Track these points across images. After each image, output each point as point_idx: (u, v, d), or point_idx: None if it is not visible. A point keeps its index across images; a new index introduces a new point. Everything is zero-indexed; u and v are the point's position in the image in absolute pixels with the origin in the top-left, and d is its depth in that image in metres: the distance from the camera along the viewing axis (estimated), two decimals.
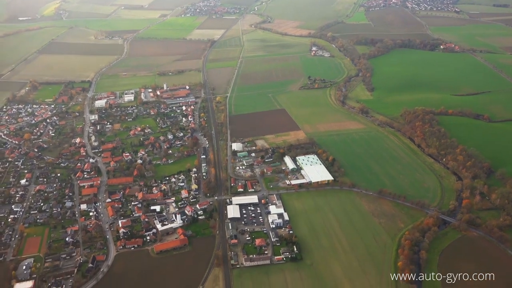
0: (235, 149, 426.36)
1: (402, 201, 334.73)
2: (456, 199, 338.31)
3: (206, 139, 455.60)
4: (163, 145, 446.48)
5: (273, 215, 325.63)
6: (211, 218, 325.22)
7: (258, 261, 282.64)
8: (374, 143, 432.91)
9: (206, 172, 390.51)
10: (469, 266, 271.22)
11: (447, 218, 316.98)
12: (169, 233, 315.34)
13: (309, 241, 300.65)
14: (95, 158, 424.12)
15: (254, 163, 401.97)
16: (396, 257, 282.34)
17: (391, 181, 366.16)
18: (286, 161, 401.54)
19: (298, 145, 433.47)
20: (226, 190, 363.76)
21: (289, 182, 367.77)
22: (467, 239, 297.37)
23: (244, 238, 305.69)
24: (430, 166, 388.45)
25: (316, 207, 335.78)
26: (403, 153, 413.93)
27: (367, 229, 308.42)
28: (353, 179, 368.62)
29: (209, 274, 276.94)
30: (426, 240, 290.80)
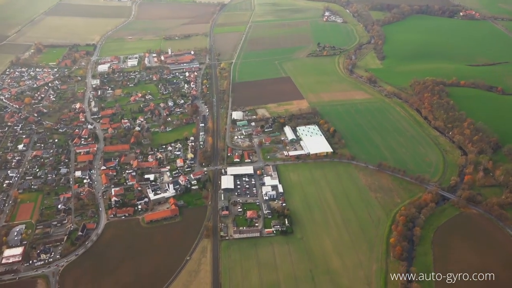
0: (235, 118, 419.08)
1: (401, 175, 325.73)
2: (458, 175, 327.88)
3: (207, 107, 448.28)
4: (163, 112, 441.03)
5: (267, 186, 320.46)
6: (204, 189, 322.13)
7: (247, 234, 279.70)
8: (378, 114, 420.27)
9: (203, 141, 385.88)
10: (463, 244, 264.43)
11: (447, 194, 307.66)
12: (161, 202, 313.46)
13: (302, 214, 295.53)
14: (94, 124, 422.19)
15: (253, 132, 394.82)
16: (389, 233, 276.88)
17: (392, 154, 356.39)
18: (286, 131, 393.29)
19: (299, 115, 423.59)
20: (222, 160, 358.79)
21: (287, 153, 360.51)
22: (465, 216, 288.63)
23: (236, 210, 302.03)
24: (435, 140, 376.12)
25: (312, 180, 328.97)
26: (408, 125, 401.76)
27: (362, 203, 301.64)
28: (353, 151, 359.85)
29: (198, 245, 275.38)
30: (422, 217, 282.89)
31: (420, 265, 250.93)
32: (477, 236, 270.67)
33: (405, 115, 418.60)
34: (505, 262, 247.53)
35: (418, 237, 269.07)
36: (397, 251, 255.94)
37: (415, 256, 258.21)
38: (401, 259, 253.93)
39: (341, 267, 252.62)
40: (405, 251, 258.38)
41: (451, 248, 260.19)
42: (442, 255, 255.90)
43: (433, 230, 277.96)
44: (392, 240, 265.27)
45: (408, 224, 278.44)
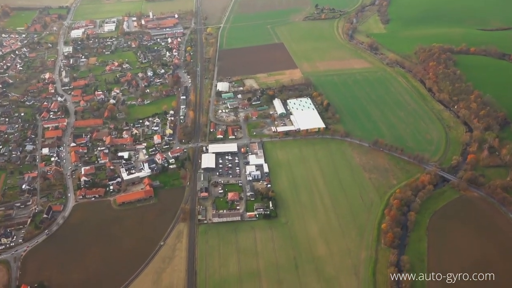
0: (220, 90, 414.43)
1: (399, 154, 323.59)
2: (461, 154, 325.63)
3: (190, 77, 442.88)
4: (141, 83, 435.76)
5: (251, 166, 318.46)
6: (182, 168, 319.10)
7: (227, 217, 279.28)
8: (378, 86, 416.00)
9: (184, 115, 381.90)
10: (461, 231, 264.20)
11: (447, 175, 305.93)
12: (135, 183, 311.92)
13: (288, 196, 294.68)
14: (64, 97, 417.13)
15: (239, 106, 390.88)
16: (381, 218, 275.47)
17: (391, 130, 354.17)
18: (275, 104, 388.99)
19: (291, 86, 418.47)
20: (204, 137, 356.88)
21: (275, 129, 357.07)
22: (465, 200, 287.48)
23: (217, 191, 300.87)
24: (438, 114, 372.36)
25: (301, 158, 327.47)
26: (409, 98, 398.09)
27: (355, 185, 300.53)
28: (348, 127, 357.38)
29: (173, 230, 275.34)
30: (418, 200, 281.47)
31: (412, 253, 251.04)
32: (476, 221, 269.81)
33: (407, 86, 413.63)
34: (505, 251, 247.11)
35: (413, 223, 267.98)
36: (389, 237, 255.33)
37: (408, 243, 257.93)
38: (392, 246, 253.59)
39: (327, 255, 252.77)
40: (397, 237, 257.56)
41: (447, 235, 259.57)
42: (437, 242, 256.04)
43: (430, 215, 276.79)
44: (384, 226, 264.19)
45: (402, 208, 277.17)
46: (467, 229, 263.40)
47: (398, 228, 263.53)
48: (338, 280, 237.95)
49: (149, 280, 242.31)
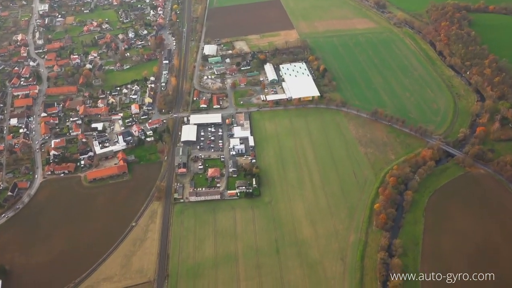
0: (206, 53, 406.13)
1: (399, 126, 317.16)
2: (469, 126, 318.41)
3: (175, 39, 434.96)
4: (121, 45, 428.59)
5: (236, 139, 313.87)
6: (160, 141, 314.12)
7: (206, 196, 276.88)
8: (383, 48, 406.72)
9: (165, 82, 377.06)
10: (462, 212, 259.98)
11: (452, 149, 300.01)
12: (108, 157, 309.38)
13: (274, 173, 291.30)
14: (37, 61, 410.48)
15: (226, 71, 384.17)
16: (375, 197, 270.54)
17: (393, 99, 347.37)
18: (267, 70, 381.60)
19: (286, 49, 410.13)
20: (186, 106, 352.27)
21: (264, 97, 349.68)
22: (470, 177, 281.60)
23: (196, 167, 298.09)
24: (448, 81, 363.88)
25: (291, 131, 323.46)
26: (417, 62, 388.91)
27: (348, 160, 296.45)
28: (345, 95, 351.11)
29: (146, 209, 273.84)
30: (417, 178, 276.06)
31: (406, 236, 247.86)
32: (480, 202, 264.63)
33: (415, 49, 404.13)
34: (510, 235, 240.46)
35: (409, 203, 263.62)
36: (381, 219, 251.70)
37: (402, 226, 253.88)
38: (384, 229, 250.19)
39: (313, 238, 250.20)
40: (391, 219, 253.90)
41: (447, 216, 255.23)
42: (435, 225, 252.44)
43: (429, 194, 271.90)
44: (377, 206, 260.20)
45: (399, 186, 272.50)
46: (470, 210, 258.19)
47: (393, 209, 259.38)
48: (322, 265, 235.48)
49: (118, 264, 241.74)
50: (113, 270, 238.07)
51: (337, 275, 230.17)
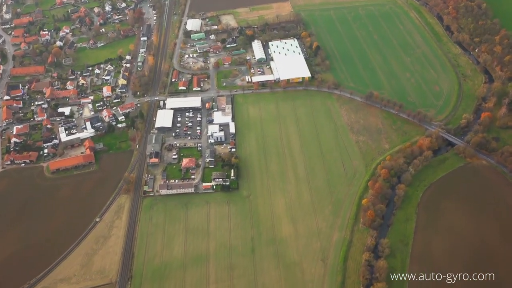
0: (189, 29, 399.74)
1: (396, 110, 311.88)
2: (474, 111, 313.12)
3: (155, 13, 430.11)
4: (96, 20, 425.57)
5: (215, 125, 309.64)
6: (132, 127, 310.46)
7: (178, 189, 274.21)
8: (384, 23, 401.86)
9: (142, 61, 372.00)
10: (459, 208, 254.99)
11: (453, 138, 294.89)
12: (75, 145, 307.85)
13: (254, 163, 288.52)
14: (2, 37, 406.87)
15: (210, 49, 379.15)
16: (363, 192, 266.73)
17: (392, 80, 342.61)
18: (254, 47, 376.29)
19: (277, 24, 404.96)
20: (164, 88, 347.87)
21: (249, 78, 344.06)
22: (470, 169, 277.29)
23: (170, 157, 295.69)
24: (454, 60, 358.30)
25: (276, 116, 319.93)
26: (420, 38, 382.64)
27: (337, 150, 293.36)
28: (339, 76, 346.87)
29: (113, 203, 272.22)
30: (411, 170, 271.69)
31: (395, 235, 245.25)
32: (479, 197, 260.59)
33: (420, 24, 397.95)
34: (510, 236, 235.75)
35: (401, 198, 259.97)
36: (368, 216, 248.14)
37: (392, 223, 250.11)
38: (372, 227, 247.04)
39: (292, 236, 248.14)
40: (380, 216, 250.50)
41: (442, 213, 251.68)
42: (428, 223, 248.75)
43: (424, 188, 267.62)
44: (365, 202, 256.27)
45: (391, 179, 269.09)
46: (467, 207, 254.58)
47: (382, 205, 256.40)
48: (301, 266, 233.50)
49: (77, 264, 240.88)
50: (72, 270, 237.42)
51: (316, 277, 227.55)
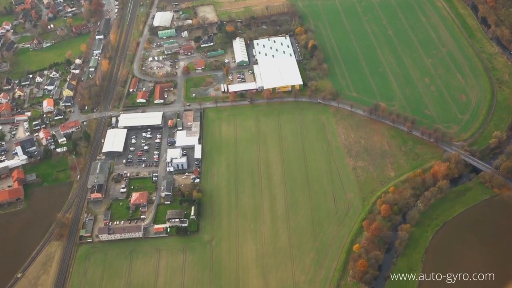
0: (156, 24, 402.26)
1: (408, 127, 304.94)
2: (509, 128, 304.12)
3: (118, 4, 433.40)
4: (45, 13, 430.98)
5: (176, 149, 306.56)
6: (75, 152, 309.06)
7: (122, 233, 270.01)
8: (403, 14, 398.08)
9: (95, 66, 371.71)
10: (481, 257, 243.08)
11: (478, 162, 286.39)
12: (1, 176, 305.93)
13: (222, 198, 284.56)
14: None
15: (180, 50, 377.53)
16: (357, 234, 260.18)
17: (406, 88, 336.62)
18: (235, 47, 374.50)
19: (266, 17, 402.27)
20: (119, 101, 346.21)
21: (225, 87, 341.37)
22: (498, 203, 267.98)
23: (117, 190, 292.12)
24: (489, 61, 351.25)
25: (256, 136, 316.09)
26: (447, 33, 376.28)
27: (329, 178, 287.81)
28: (339, 83, 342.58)
29: (40, 253, 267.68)
30: (420, 205, 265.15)
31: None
32: (510, 241, 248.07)
33: (449, 15, 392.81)
34: None
35: (404, 242, 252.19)
36: (359, 267, 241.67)
37: (390, 275, 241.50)
38: (363, 281, 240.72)
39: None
40: (374, 266, 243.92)
41: (456, 262, 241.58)
42: (437, 275, 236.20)
43: (435, 228, 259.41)
44: (357, 248, 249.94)
45: (393, 217, 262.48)
46: (492, 255, 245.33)
47: (379, 251, 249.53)
48: None
49: None
50: None
51: None
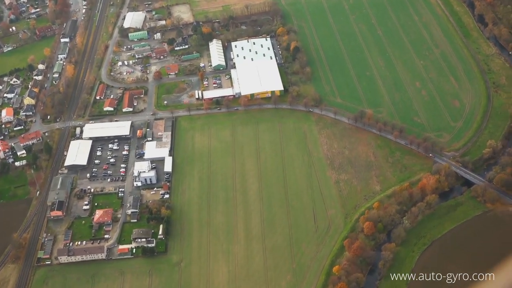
0: (126, 26, 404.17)
1: (395, 136, 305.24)
2: (504, 136, 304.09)
3: (86, 4, 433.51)
4: (6, 15, 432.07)
5: (144, 162, 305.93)
6: (35, 165, 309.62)
7: (83, 255, 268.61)
8: (394, 12, 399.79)
9: (60, 71, 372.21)
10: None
11: (470, 174, 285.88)
12: None
13: (193, 215, 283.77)
14: None
15: (152, 54, 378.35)
16: (338, 254, 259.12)
17: (395, 93, 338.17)
18: (212, 50, 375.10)
19: (246, 17, 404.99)
20: (84, 109, 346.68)
21: (199, 94, 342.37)
22: (491, 219, 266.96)
23: (80, 207, 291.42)
24: (485, 63, 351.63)
25: (231, 146, 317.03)
26: (441, 33, 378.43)
27: (309, 193, 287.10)
28: (323, 88, 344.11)
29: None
30: (406, 222, 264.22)
31: None
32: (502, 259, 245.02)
33: (443, 13, 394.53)
34: None
35: (389, 262, 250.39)
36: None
37: None
38: None
39: None
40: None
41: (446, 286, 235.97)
42: None
43: (422, 247, 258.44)
44: (336, 269, 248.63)
45: (377, 236, 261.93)
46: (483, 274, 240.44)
47: (361, 273, 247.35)
48: None
49: None
50: None
51: None
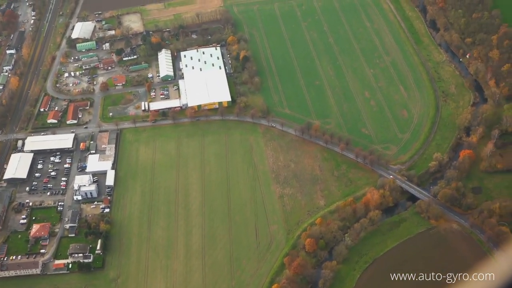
0: (75, 36, 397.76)
1: (341, 149, 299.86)
2: (451, 148, 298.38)
3: (35, 15, 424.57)
4: None
5: (86, 176, 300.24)
6: None
7: (18, 270, 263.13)
8: (346, 19, 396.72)
9: (4, 83, 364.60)
10: None
11: (416, 189, 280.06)
12: None
13: (133, 229, 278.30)
14: None
15: (99, 64, 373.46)
16: (278, 271, 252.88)
17: (344, 103, 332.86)
18: (160, 60, 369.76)
19: (197, 25, 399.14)
20: (27, 122, 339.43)
21: (146, 105, 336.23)
22: (434, 236, 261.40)
23: (17, 221, 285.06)
24: (435, 71, 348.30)
25: (176, 159, 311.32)
26: (392, 40, 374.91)
27: (252, 208, 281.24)
28: (272, 99, 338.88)
29: None
30: (347, 239, 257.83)
31: None
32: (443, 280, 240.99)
33: (395, 19, 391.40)
34: None
35: (329, 281, 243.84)
36: None
37: None
38: None
39: None
40: None
41: None
42: None
43: (364, 266, 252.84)
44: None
45: (319, 253, 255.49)
46: None
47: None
48: None
49: None
50: None
51: None
